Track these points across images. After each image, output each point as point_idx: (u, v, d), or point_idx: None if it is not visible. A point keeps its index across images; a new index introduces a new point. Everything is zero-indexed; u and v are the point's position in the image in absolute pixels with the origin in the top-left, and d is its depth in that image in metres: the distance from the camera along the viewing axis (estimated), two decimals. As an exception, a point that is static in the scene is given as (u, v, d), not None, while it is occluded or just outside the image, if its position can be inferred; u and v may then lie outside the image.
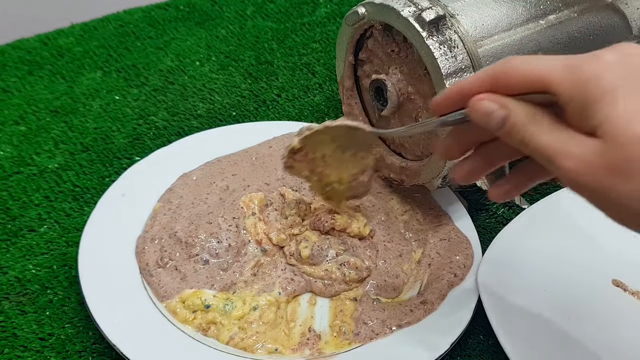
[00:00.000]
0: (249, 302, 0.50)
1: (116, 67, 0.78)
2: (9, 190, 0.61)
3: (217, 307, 0.49)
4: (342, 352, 0.47)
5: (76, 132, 0.68)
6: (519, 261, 0.51)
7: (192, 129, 0.69)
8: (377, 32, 0.54)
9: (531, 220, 0.55)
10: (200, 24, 0.86)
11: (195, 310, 0.49)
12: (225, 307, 0.49)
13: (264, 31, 0.85)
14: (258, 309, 0.49)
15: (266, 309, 0.49)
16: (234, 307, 0.49)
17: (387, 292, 0.51)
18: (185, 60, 0.79)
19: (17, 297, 0.52)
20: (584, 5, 0.56)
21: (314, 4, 0.90)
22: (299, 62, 0.79)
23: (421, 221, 0.57)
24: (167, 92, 0.74)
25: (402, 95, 0.53)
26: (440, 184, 0.54)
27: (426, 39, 0.48)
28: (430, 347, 0.46)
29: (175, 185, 0.59)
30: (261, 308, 0.49)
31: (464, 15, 0.50)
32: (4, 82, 0.74)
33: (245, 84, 0.76)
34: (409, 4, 0.49)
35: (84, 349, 0.49)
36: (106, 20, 0.86)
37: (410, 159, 0.58)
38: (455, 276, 0.51)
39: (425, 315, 0.49)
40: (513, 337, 0.46)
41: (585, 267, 0.51)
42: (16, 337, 0.49)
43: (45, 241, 0.57)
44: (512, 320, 0.47)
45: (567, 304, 0.49)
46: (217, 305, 0.49)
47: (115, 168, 0.64)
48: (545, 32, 0.53)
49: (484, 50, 0.49)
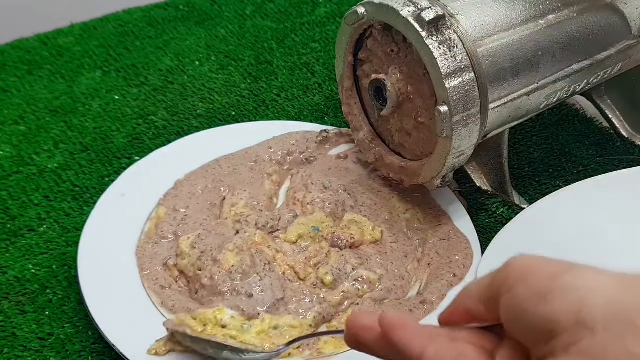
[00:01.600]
0: (268, 322, 0.48)
1: (116, 66, 0.78)
2: (9, 190, 0.61)
3: (234, 327, 0.47)
4: (341, 352, 0.47)
5: (76, 132, 0.68)
6: (519, 261, 0.51)
7: (191, 128, 0.69)
8: (376, 32, 0.54)
9: (531, 220, 0.55)
10: (199, 24, 0.86)
11: (206, 324, 0.47)
12: (242, 326, 0.47)
13: (264, 31, 0.85)
14: (279, 328, 0.48)
15: (288, 329, 0.48)
16: (251, 326, 0.47)
17: (396, 294, 0.51)
18: (184, 60, 0.79)
19: (16, 297, 0.52)
20: (583, 5, 0.56)
21: (313, 3, 0.90)
22: (299, 62, 0.79)
23: (422, 220, 0.58)
24: (167, 91, 0.74)
25: (401, 95, 0.53)
26: (440, 184, 0.54)
27: (426, 38, 0.48)
28: (430, 347, 0.46)
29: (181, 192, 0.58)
30: (281, 328, 0.48)
31: (463, 15, 0.50)
32: (4, 82, 0.74)
33: (244, 83, 0.76)
34: (409, 4, 0.49)
35: (83, 348, 0.49)
36: (106, 20, 0.86)
37: (409, 159, 0.58)
38: (454, 276, 0.51)
39: (425, 315, 0.49)
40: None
41: (584, 267, 0.50)
42: (16, 337, 0.49)
43: (44, 241, 0.57)
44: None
45: (566, 304, 0.49)
46: (235, 325, 0.47)
47: (115, 168, 0.64)
48: (544, 31, 0.53)
49: (483, 50, 0.49)
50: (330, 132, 0.64)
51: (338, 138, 0.64)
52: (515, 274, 0.31)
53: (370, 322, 0.35)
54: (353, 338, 0.35)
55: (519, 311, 0.30)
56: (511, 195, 0.59)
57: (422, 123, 0.53)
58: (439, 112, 0.48)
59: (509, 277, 0.31)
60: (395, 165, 0.58)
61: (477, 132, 0.50)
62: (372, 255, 0.54)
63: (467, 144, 0.50)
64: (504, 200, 0.60)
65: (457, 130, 0.49)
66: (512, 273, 0.31)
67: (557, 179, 0.63)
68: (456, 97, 0.48)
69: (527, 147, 0.68)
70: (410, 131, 0.56)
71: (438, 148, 0.51)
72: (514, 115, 0.54)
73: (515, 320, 0.31)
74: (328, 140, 0.64)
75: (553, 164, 0.66)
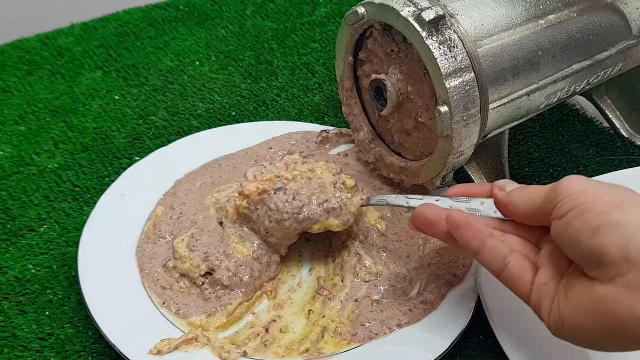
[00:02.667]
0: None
1: (116, 67, 0.78)
2: (9, 190, 0.61)
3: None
4: (341, 351, 0.47)
5: (76, 132, 0.68)
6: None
7: (191, 128, 0.69)
8: (376, 32, 0.54)
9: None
10: (199, 24, 0.86)
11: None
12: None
13: (264, 31, 0.85)
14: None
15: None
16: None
17: (395, 295, 0.51)
18: (184, 60, 0.79)
19: (16, 297, 0.52)
20: (583, 5, 0.56)
21: (313, 3, 0.90)
22: (299, 62, 0.79)
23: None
24: (167, 91, 0.74)
25: (401, 95, 0.53)
26: (440, 184, 0.54)
27: (425, 38, 0.48)
28: (430, 347, 0.46)
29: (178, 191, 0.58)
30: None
31: (463, 15, 0.50)
32: (4, 82, 0.74)
33: (244, 83, 0.76)
34: (409, 4, 0.49)
35: (83, 348, 0.49)
36: (106, 20, 0.86)
37: (410, 159, 0.58)
38: (454, 276, 0.51)
39: (425, 315, 0.49)
40: (512, 336, 0.46)
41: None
42: (16, 337, 0.49)
43: (45, 241, 0.57)
44: (511, 319, 0.47)
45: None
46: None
47: (115, 168, 0.64)
48: (544, 31, 0.53)
49: (483, 50, 0.49)
50: (330, 132, 0.64)
51: (338, 138, 0.64)
52: (570, 204, 0.36)
53: (436, 218, 0.43)
54: (417, 227, 0.44)
55: (572, 240, 0.35)
56: (511, 195, 0.59)
57: (422, 123, 0.53)
58: (439, 112, 0.48)
59: (564, 204, 0.36)
60: (395, 165, 0.58)
61: (477, 132, 0.50)
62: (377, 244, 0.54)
63: (467, 144, 0.50)
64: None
65: (457, 130, 0.49)
66: (567, 202, 0.36)
67: (557, 179, 0.63)
68: (456, 97, 0.48)
69: (527, 147, 0.68)
70: (410, 131, 0.56)
71: (438, 148, 0.51)
72: (514, 115, 0.54)
73: (568, 246, 0.36)
74: (328, 140, 0.64)
75: (553, 164, 0.66)
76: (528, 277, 0.39)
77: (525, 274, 0.39)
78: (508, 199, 0.41)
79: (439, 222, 0.42)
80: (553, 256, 0.39)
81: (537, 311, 0.38)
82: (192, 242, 0.52)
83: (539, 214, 0.39)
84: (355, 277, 0.51)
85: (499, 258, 0.40)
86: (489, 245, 0.40)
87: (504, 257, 0.40)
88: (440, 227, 0.42)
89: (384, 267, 0.52)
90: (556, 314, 0.37)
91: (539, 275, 0.39)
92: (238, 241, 0.52)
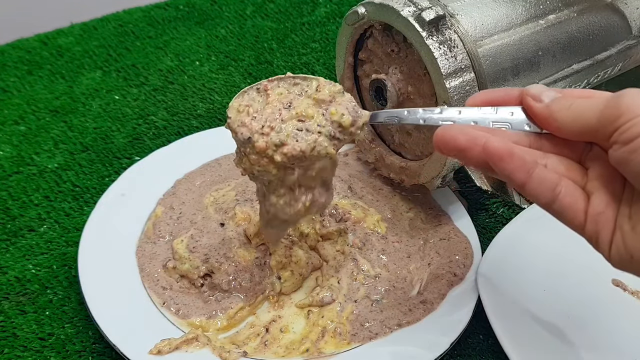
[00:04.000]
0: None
1: (116, 66, 0.78)
2: (9, 190, 0.61)
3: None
4: (341, 351, 0.47)
5: (76, 132, 0.68)
6: (519, 261, 0.51)
7: (191, 128, 0.69)
8: (376, 32, 0.54)
9: (531, 220, 0.55)
10: (199, 24, 0.86)
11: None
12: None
13: (264, 31, 0.85)
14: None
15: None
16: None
17: (395, 295, 0.51)
18: (184, 60, 0.79)
19: (17, 297, 0.52)
20: (583, 5, 0.56)
21: (313, 3, 0.90)
22: (299, 62, 0.79)
23: (424, 220, 0.57)
24: (167, 91, 0.74)
25: (401, 95, 0.54)
26: (440, 184, 0.54)
27: (426, 38, 0.48)
28: (430, 347, 0.46)
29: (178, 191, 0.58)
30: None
31: (463, 15, 0.50)
32: (4, 82, 0.74)
33: (245, 83, 0.76)
34: (409, 4, 0.49)
35: (83, 348, 0.49)
36: (106, 20, 0.86)
37: (410, 159, 0.58)
38: (455, 276, 0.51)
39: (425, 315, 0.49)
40: (513, 336, 0.46)
41: (585, 266, 0.51)
42: (16, 337, 0.49)
43: (45, 241, 0.57)
44: (511, 319, 0.47)
45: (566, 304, 0.49)
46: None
47: (115, 168, 0.64)
48: (544, 32, 0.53)
49: (483, 50, 0.49)
50: (330, 132, 0.64)
51: (338, 138, 0.64)
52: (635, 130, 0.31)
53: (469, 144, 0.35)
54: (444, 152, 0.37)
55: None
56: (511, 195, 0.59)
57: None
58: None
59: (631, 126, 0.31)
60: (395, 166, 0.58)
61: (477, 132, 0.50)
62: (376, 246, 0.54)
63: (467, 144, 0.50)
64: (504, 200, 0.60)
65: (457, 130, 0.49)
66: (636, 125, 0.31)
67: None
68: (456, 97, 0.48)
69: (527, 147, 0.68)
70: (410, 131, 0.56)
71: (438, 148, 0.51)
72: (514, 115, 0.54)
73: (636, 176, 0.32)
74: (328, 140, 0.64)
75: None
76: (581, 206, 0.34)
77: (577, 204, 0.34)
78: (548, 113, 0.35)
79: (472, 148, 0.35)
80: (605, 178, 0.34)
81: (594, 243, 0.35)
82: (191, 243, 0.52)
83: (591, 135, 0.34)
84: (354, 280, 0.51)
85: (549, 189, 0.34)
86: (536, 176, 0.34)
87: (553, 188, 0.34)
88: (474, 154, 0.35)
89: (383, 269, 0.52)
90: (621, 247, 0.33)
91: (593, 204, 0.34)
92: (240, 245, 0.52)
